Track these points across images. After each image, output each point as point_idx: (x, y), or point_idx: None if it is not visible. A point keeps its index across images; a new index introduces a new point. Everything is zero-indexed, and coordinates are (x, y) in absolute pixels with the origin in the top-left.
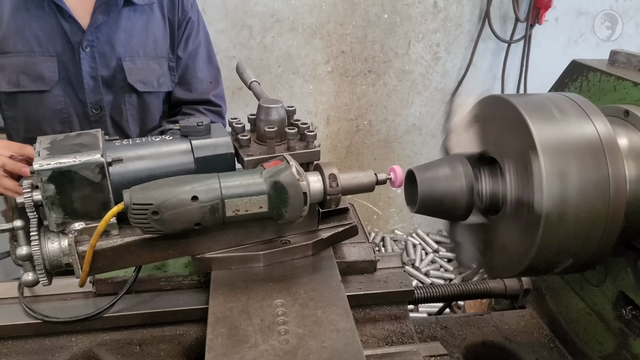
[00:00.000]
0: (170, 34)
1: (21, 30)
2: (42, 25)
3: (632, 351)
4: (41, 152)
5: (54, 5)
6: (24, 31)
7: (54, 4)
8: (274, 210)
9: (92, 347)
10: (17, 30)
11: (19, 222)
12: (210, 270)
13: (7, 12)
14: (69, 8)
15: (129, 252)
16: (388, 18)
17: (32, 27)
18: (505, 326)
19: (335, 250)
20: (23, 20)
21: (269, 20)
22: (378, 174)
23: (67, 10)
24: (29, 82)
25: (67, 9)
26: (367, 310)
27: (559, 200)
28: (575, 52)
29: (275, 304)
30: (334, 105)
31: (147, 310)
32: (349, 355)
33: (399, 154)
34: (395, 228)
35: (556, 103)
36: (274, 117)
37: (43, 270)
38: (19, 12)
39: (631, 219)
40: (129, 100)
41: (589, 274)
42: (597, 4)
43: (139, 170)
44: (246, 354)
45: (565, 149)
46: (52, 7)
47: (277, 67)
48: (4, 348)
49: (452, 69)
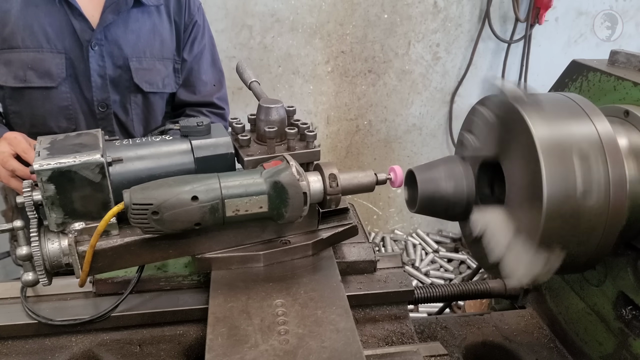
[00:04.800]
0: (177, 36)
1: (30, 26)
2: (51, 21)
3: (632, 351)
4: (41, 152)
5: (64, 3)
6: (33, 27)
7: (65, 1)
8: (274, 210)
9: (92, 347)
10: (26, 26)
11: (19, 222)
12: (210, 270)
13: (17, 7)
14: (79, 6)
15: (129, 252)
16: (388, 18)
17: (42, 23)
18: (505, 326)
19: (335, 250)
20: (32, 16)
21: (269, 20)
22: (378, 174)
23: (77, 8)
24: (36, 78)
25: (78, 6)
26: (367, 310)
27: (559, 200)
28: (575, 52)
29: (275, 304)
30: (334, 105)
31: (147, 310)
32: (349, 355)
33: (399, 154)
34: (395, 228)
35: (556, 103)
36: (274, 117)
37: (43, 270)
38: (28, 7)
39: (631, 219)
40: (134, 100)
41: (589, 274)
42: (597, 4)
43: (139, 170)
44: (246, 354)
45: (565, 149)
46: (63, 4)
47: (277, 67)
48: (4, 348)
49: (452, 69)
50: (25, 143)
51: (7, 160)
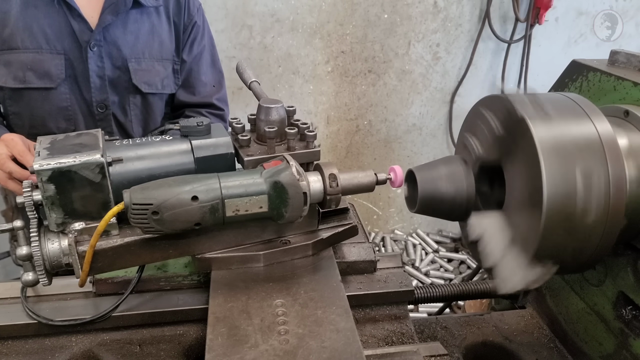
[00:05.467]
0: (176, 37)
1: (29, 27)
2: (50, 22)
3: (632, 351)
4: (41, 152)
5: (63, 4)
6: (32, 28)
7: (64, 2)
8: (274, 210)
9: (92, 347)
10: (25, 27)
11: (19, 222)
12: (210, 270)
13: (16, 8)
14: (78, 7)
15: (129, 252)
16: (388, 18)
17: (41, 24)
18: (505, 326)
19: (335, 250)
20: (32, 17)
21: (269, 20)
22: (378, 174)
23: (76, 9)
24: (36, 79)
25: (77, 7)
26: (367, 310)
27: (559, 200)
28: (575, 52)
29: (275, 304)
30: (334, 105)
31: (147, 310)
32: (349, 355)
33: (399, 154)
34: (395, 228)
35: (556, 103)
36: (274, 117)
37: (43, 270)
38: (27, 8)
39: (631, 219)
40: (133, 101)
41: (589, 274)
42: (597, 4)
43: (139, 170)
44: (246, 354)
45: (565, 149)
46: (62, 5)
47: (277, 67)
48: (4, 348)
49: (452, 69)
50: (22, 145)
51: (4, 162)
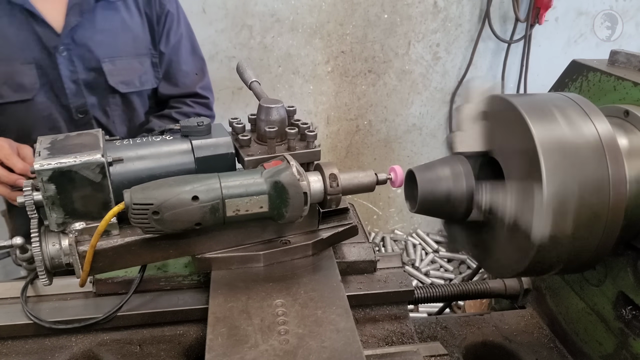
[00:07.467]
0: (150, 29)
1: None
2: (16, 32)
3: (632, 351)
4: (42, 152)
5: (25, 11)
6: None
7: (25, 10)
8: (274, 210)
9: (92, 347)
10: None
11: (18, 240)
12: (210, 270)
13: None
14: (40, 13)
15: (130, 252)
16: (388, 18)
17: (6, 35)
18: (505, 326)
19: (335, 250)
20: None
21: (269, 20)
22: (378, 174)
23: (38, 14)
24: (11, 92)
25: (39, 13)
26: (367, 310)
27: (559, 200)
28: (575, 52)
29: (275, 304)
30: (334, 105)
31: (147, 310)
32: (349, 355)
33: (399, 154)
34: (395, 228)
35: (556, 103)
36: (275, 117)
37: (43, 270)
38: None
39: (631, 219)
40: (113, 102)
41: (589, 274)
42: (597, 4)
43: (139, 170)
44: (246, 354)
45: (565, 149)
46: (24, 13)
47: (277, 67)
48: (4, 348)
49: (452, 69)
50: (7, 149)
51: None
